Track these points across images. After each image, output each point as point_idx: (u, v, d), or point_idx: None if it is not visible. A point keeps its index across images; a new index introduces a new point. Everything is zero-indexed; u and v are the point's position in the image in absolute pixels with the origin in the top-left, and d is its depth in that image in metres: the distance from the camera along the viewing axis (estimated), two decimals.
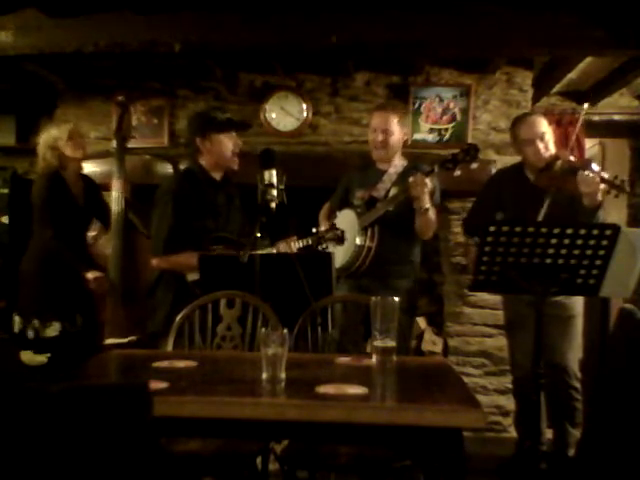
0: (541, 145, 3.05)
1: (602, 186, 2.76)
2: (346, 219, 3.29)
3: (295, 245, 3.07)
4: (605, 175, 2.77)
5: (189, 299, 2.75)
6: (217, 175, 3.10)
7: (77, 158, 3.53)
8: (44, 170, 3.52)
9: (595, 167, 2.83)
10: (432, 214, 3.12)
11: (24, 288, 3.50)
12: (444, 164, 3.02)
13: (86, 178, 3.67)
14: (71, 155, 3.50)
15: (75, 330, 3.35)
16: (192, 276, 2.91)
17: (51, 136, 3.48)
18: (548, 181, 3.00)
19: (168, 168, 4.07)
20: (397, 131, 3.25)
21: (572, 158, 3.02)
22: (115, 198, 3.55)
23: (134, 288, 3.51)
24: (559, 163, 3.00)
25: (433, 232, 3.29)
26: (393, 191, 3.21)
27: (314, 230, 3.18)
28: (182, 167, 3.64)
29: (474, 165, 3.00)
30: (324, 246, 3.11)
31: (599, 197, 2.80)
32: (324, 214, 3.56)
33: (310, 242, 3.09)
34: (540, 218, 2.94)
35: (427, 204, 3.05)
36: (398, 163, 3.32)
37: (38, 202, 3.45)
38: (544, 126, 3.10)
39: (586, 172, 2.77)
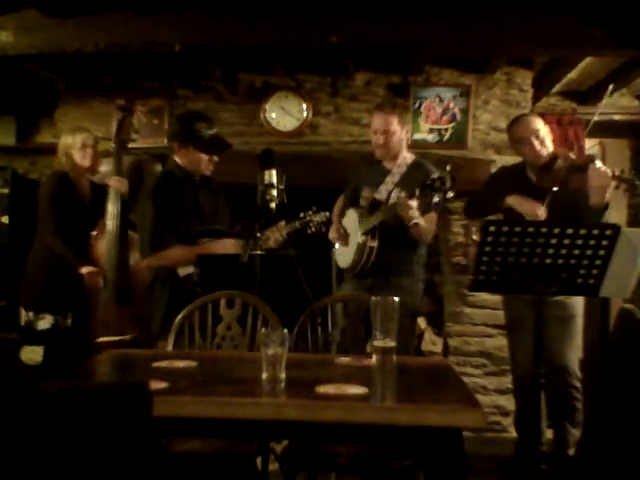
0: (536, 142, 3.05)
1: (613, 183, 2.74)
2: (351, 220, 3.33)
3: (284, 231, 3.07)
4: (615, 171, 2.76)
5: (184, 296, 2.77)
6: (196, 174, 3.08)
7: (85, 166, 3.61)
8: (54, 171, 3.63)
9: (599, 163, 2.83)
10: (423, 224, 3.09)
11: (28, 284, 3.57)
12: (424, 190, 2.91)
13: (95, 184, 3.73)
14: (79, 163, 3.59)
15: (65, 325, 3.40)
16: (184, 271, 2.92)
17: (66, 143, 3.61)
18: (551, 181, 2.99)
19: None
20: (398, 130, 3.21)
21: (573, 155, 3.01)
22: (112, 196, 3.56)
23: (129, 287, 3.51)
24: (560, 161, 2.99)
25: (432, 236, 3.29)
26: (395, 193, 3.19)
27: (301, 215, 3.17)
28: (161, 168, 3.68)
29: (451, 194, 2.89)
30: (313, 230, 3.12)
31: (607, 195, 2.78)
32: (337, 210, 3.52)
33: (298, 225, 3.08)
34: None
35: (414, 220, 3.01)
36: (402, 162, 3.28)
37: (43, 198, 3.53)
38: (539, 124, 3.10)
39: (598, 164, 2.76)
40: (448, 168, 2.93)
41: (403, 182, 3.21)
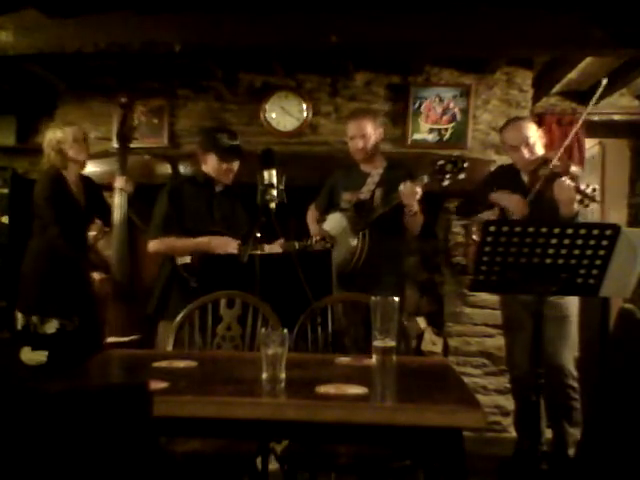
0: (525, 150, 3.07)
1: (577, 196, 2.76)
2: (337, 223, 3.38)
3: (280, 248, 3.10)
4: (580, 185, 2.77)
5: (180, 280, 3.01)
6: (217, 182, 3.22)
7: (80, 160, 3.55)
8: (47, 169, 3.53)
9: (574, 172, 2.84)
10: (420, 214, 3.24)
11: (25, 286, 3.50)
12: (433, 175, 3.09)
13: (86, 179, 3.67)
14: (74, 157, 3.52)
15: (73, 328, 3.38)
16: (182, 260, 3.06)
17: (55, 138, 3.50)
18: (535, 184, 3.01)
19: (168, 168, 4.07)
20: (372, 133, 3.38)
21: (557, 162, 3.00)
22: (118, 195, 3.56)
23: (136, 287, 3.52)
24: (545, 168, 2.99)
25: (421, 227, 3.38)
26: (378, 193, 3.31)
27: (304, 239, 3.23)
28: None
29: (462, 176, 3.05)
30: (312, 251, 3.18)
31: (575, 206, 2.81)
32: (312, 217, 3.62)
33: (297, 247, 3.13)
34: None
35: (416, 208, 3.17)
36: (379, 164, 3.43)
37: (41, 201, 3.44)
38: (530, 131, 3.11)
39: (563, 178, 2.79)
40: (470, 141, 3.03)
41: (384, 182, 3.34)
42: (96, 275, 3.42)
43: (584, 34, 3.26)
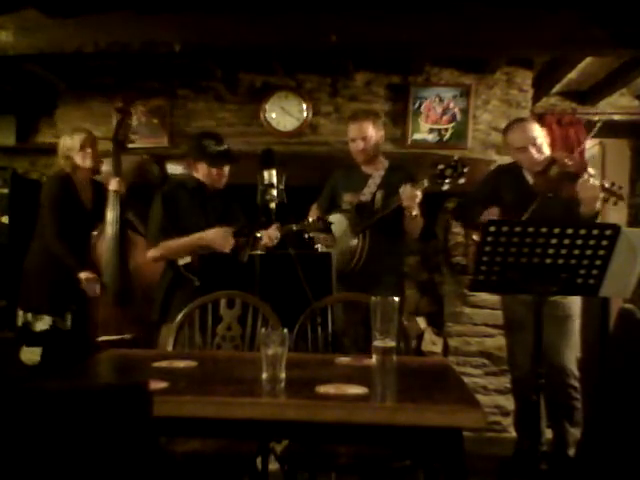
0: (533, 150, 3.05)
1: (601, 194, 2.76)
2: (338, 223, 3.37)
3: (278, 231, 3.09)
4: (605, 183, 2.77)
5: (181, 284, 2.96)
6: (208, 186, 3.18)
7: (85, 167, 3.58)
8: (56, 172, 3.60)
9: (592, 172, 2.84)
10: (419, 217, 3.25)
11: (27, 286, 3.54)
12: (433, 179, 3.09)
13: (96, 183, 3.70)
14: (80, 164, 3.56)
15: (64, 327, 3.41)
16: (183, 260, 3.04)
17: (65, 145, 3.57)
18: (545, 185, 3.00)
19: (167, 168, 4.08)
20: (373, 135, 3.39)
21: (569, 162, 3.00)
22: (111, 200, 3.58)
23: (130, 287, 3.53)
24: (555, 167, 2.99)
25: (420, 230, 3.40)
26: (379, 195, 3.33)
27: (301, 221, 3.22)
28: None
29: (462, 180, 3.07)
30: (310, 235, 3.16)
31: (598, 205, 2.80)
32: (314, 215, 3.59)
33: (294, 228, 3.12)
34: (524, 217, 2.95)
35: (416, 211, 3.18)
36: (381, 166, 3.45)
37: (45, 201, 3.49)
38: (536, 131, 3.09)
39: (586, 178, 2.77)
40: (456, 157, 3.03)
41: (385, 184, 3.36)
42: (83, 275, 3.41)
43: (584, 34, 3.26)
